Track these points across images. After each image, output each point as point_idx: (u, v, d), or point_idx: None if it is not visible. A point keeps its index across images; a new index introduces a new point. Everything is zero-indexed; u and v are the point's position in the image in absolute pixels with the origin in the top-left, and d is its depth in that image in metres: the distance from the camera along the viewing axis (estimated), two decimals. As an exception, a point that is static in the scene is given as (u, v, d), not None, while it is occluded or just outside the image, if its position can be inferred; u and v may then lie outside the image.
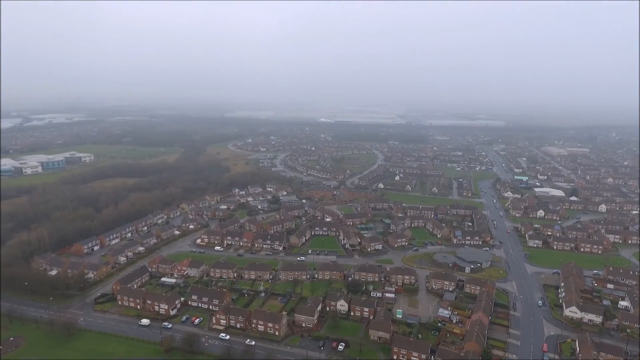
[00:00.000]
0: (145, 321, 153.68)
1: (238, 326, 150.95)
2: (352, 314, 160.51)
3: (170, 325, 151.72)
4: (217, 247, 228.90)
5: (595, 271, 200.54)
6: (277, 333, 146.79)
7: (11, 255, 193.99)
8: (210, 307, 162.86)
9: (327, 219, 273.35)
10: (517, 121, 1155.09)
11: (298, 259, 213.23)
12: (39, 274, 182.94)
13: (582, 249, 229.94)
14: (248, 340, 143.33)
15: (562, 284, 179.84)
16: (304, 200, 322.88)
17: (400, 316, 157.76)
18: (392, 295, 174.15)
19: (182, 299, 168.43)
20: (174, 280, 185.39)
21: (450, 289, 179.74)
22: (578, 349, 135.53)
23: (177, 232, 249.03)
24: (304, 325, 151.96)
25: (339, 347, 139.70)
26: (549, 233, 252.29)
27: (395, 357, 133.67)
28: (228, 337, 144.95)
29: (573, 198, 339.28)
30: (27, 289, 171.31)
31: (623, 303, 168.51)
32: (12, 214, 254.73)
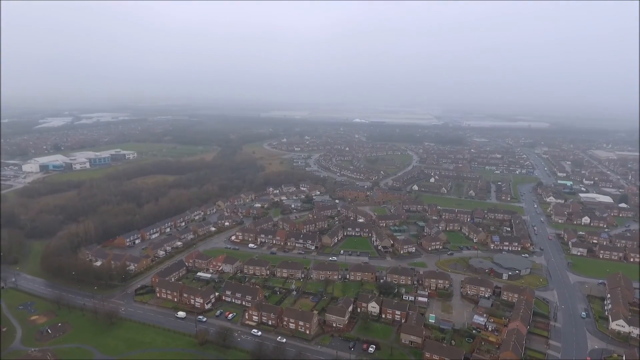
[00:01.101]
0: (181, 314, 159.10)
1: (270, 323, 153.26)
2: (383, 316, 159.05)
3: (204, 319, 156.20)
4: (250, 245, 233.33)
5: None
6: (307, 332, 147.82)
7: (60, 245, 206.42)
8: (243, 303, 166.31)
9: (360, 220, 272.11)
10: (562, 123, 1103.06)
11: (330, 258, 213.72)
12: (85, 264, 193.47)
13: (631, 259, 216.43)
14: (279, 337, 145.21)
15: (609, 295, 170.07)
16: (337, 201, 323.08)
17: (433, 321, 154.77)
18: (425, 299, 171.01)
19: (217, 293, 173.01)
20: (209, 275, 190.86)
21: (486, 296, 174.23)
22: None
23: (213, 229, 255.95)
24: (334, 325, 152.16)
25: (370, 349, 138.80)
26: (595, 241, 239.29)
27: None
28: (260, 333, 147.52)
29: (622, 205, 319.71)
30: (74, 278, 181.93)
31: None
32: (62, 207, 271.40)
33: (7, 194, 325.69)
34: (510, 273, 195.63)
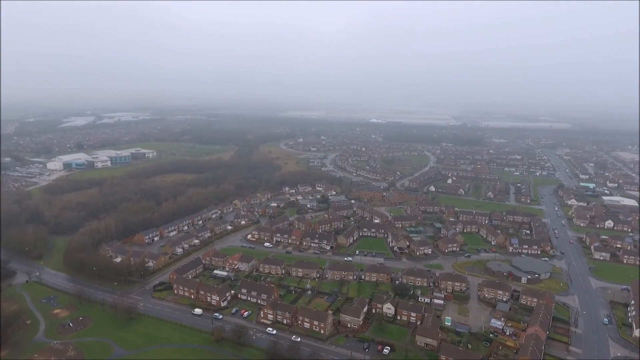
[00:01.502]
0: (198, 310, 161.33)
1: (284, 322, 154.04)
2: (398, 317, 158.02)
3: (220, 316, 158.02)
4: (266, 244, 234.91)
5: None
6: (322, 331, 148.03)
7: (82, 241, 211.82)
8: (259, 302, 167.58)
9: (376, 221, 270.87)
10: (584, 124, 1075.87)
11: (345, 259, 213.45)
12: (105, 260, 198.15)
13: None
14: (294, 336, 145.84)
15: (633, 302, 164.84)
16: (352, 201, 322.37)
17: (449, 324, 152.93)
18: (441, 302, 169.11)
19: (233, 291, 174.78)
20: (225, 273, 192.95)
21: (504, 299, 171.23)
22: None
23: (229, 227, 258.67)
24: (349, 325, 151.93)
25: (384, 350, 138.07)
26: (619, 245, 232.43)
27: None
28: (275, 331, 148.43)
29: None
30: (95, 273, 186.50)
31: None
32: (84, 204, 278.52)
33: (32, 191, 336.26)
34: (529, 277, 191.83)
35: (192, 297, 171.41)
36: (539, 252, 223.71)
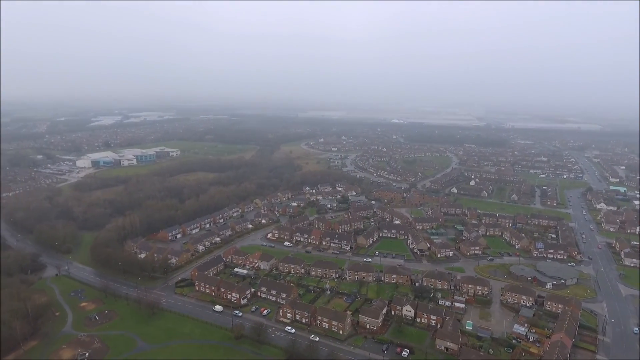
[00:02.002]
0: (218, 307, 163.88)
1: (303, 321, 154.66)
2: (418, 320, 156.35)
3: (240, 314, 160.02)
4: (286, 243, 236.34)
5: None
6: (340, 332, 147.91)
7: (108, 237, 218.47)
8: (278, 300, 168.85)
9: (396, 222, 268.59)
10: (616, 125, 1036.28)
11: (365, 259, 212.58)
12: (130, 256, 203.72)
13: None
14: (312, 335, 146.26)
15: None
16: (373, 202, 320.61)
17: (471, 328, 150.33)
18: (462, 305, 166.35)
19: (252, 289, 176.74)
20: (245, 271, 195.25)
21: (528, 305, 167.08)
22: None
23: (250, 226, 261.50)
24: (368, 326, 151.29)
25: (404, 353, 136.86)
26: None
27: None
28: (294, 330, 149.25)
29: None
30: (120, 268, 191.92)
31: None
32: (110, 200, 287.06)
33: (62, 187, 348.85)
34: (554, 282, 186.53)
35: (213, 294, 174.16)
36: (565, 257, 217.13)
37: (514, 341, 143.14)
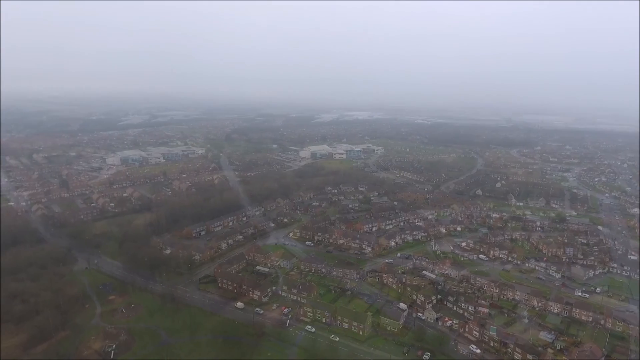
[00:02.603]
0: (240, 304, 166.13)
1: (324, 320, 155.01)
2: (440, 324, 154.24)
3: (261, 311, 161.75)
4: (307, 242, 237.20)
5: None
6: (361, 333, 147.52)
7: (136, 232, 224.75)
8: (299, 299, 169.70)
9: (419, 223, 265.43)
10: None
11: (386, 261, 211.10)
12: (156, 251, 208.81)
13: None
14: (332, 335, 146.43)
15: None
16: (395, 202, 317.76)
17: (495, 333, 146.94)
18: (486, 310, 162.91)
19: (274, 287, 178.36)
20: (267, 270, 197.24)
21: (556, 311, 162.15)
22: None
23: (272, 225, 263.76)
24: (388, 328, 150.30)
25: (425, 356, 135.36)
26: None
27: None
28: (314, 329, 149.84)
29: None
30: (146, 263, 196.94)
31: None
32: (138, 197, 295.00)
33: (93, 184, 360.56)
34: (584, 289, 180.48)
35: (235, 291, 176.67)
36: (595, 264, 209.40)
37: (539, 348, 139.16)
